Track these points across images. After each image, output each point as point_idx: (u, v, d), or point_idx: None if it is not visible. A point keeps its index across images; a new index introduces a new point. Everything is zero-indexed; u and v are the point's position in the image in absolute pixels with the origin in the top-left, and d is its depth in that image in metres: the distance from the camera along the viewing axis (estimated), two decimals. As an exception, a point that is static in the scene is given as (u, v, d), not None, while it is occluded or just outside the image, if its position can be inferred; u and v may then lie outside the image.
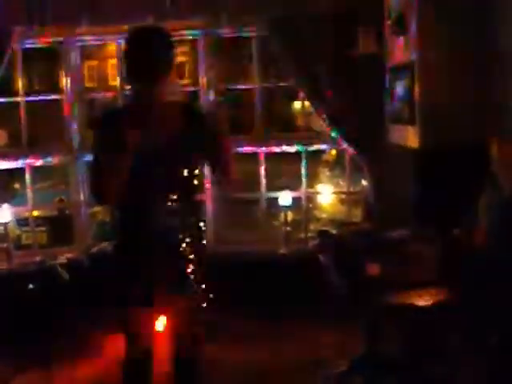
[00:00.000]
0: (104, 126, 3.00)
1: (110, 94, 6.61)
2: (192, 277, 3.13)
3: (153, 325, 3.25)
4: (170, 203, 3.01)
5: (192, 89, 6.43)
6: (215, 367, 4.52)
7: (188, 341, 3.26)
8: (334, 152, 10.01)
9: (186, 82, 13.18)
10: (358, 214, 6.06)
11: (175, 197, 3.02)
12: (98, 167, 2.94)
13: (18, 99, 5.79)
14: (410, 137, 4.78)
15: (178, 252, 3.08)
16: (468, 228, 3.66)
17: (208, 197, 5.78)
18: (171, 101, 3.13)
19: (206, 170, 3.55)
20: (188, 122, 3.05)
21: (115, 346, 4.39)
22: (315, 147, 5.89)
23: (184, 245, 3.09)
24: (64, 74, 5.80)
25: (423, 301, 3.44)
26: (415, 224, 3.92)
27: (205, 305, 3.23)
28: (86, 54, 5.60)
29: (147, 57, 2.92)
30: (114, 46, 6.06)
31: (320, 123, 5.59)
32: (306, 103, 5.66)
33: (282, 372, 4.49)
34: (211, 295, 3.25)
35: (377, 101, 5.21)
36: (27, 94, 5.98)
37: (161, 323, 3.30)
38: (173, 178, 3.01)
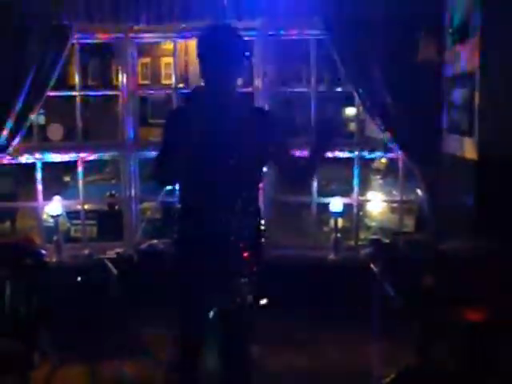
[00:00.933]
0: (175, 115, 3.13)
1: (162, 93, 6.59)
2: (247, 279, 3.14)
3: (204, 325, 3.24)
4: (234, 202, 3.03)
5: (247, 90, 6.43)
6: (258, 372, 4.51)
7: (238, 342, 3.25)
8: (384, 160, 9.90)
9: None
10: (409, 224, 5.99)
11: (240, 196, 3.04)
12: (163, 149, 3.03)
13: (75, 93, 5.83)
14: (467, 148, 4.69)
15: (237, 253, 3.09)
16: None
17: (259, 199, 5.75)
18: (242, 100, 3.20)
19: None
20: (257, 122, 3.09)
21: (163, 346, 4.41)
22: (368, 154, 5.82)
23: (244, 245, 3.10)
24: (120, 70, 5.83)
25: (476, 316, 3.36)
26: (470, 237, 3.83)
27: (257, 306, 3.27)
28: (141, 51, 5.64)
29: (223, 57, 2.95)
30: (169, 44, 6.06)
31: (374, 130, 5.51)
32: (361, 109, 5.58)
33: (328, 379, 4.45)
34: (264, 301, 3.23)
35: (434, 110, 5.11)
36: (83, 88, 6.03)
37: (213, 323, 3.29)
38: (239, 177, 3.02)
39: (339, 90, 5.91)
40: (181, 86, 6.70)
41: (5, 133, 5.15)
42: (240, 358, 3.31)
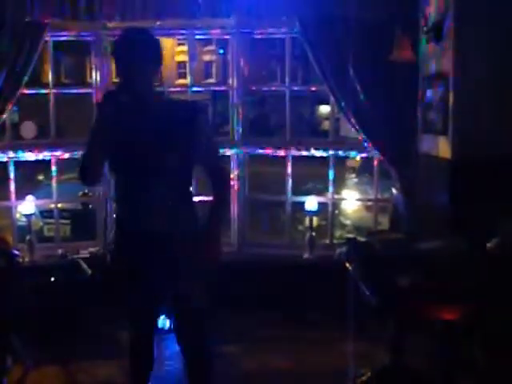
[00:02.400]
0: (100, 108, 3.13)
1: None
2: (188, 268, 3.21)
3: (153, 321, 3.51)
4: (162, 202, 3.13)
5: (220, 88, 6.42)
6: (237, 371, 4.51)
7: (191, 328, 3.34)
8: (358, 158, 9.94)
9: (212, 81, 13.25)
10: (384, 223, 6.00)
11: (168, 194, 3.15)
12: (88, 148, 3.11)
13: (48, 91, 5.78)
14: (442, 147, 4.71)
15: (172, 247, 3.17)
16: (501, 241, 3.58)
17: (233, 199, 5.75)
18: (159, 97, 3.30)
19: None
20: (180, 116, 3.18)
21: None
22: (343, 153, 5.83)
23: (179, 238, 3.18)
24: (94, 67, 5.78)
25: (452, 315, 3.38)
26: (446, 236, 3.85)
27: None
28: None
29: (128, 55, 3.08)
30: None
31: (349, 129, 5.52)
32: (336, 108, 5.59)
33: (303, 379, 4.45)
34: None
35: (409, 109, 5.13)
36: (56, 86, 5.97)
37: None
38: (163, 168, 3.11)
39: (314, 88, 5.91)
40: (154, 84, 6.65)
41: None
42: (196, 346, 3.38)
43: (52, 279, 5.09)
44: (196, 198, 4.68)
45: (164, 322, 4.78)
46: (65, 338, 4.86)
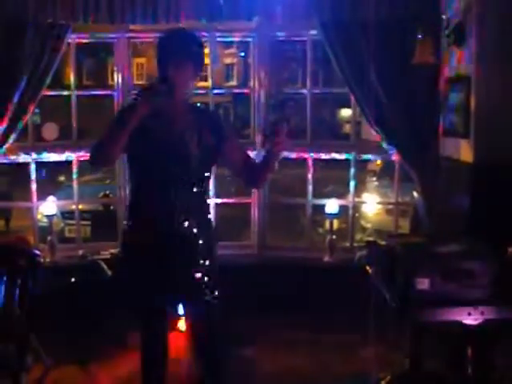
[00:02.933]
0: (126, 109, 3.20)
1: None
2: (205, 278, 3.23)
3: (166, 325, 3.48)
4: (182, 198, 3.15)
5: (241, 91, 6.43)
6: (255, 373, 4.50)
7: (204, 337, 3.33)
8: (379, 162, 9.91)
9: (233, 84, 13.28)
10: (404, 226, 5.97)
11: (188, 192, 3.17)
12: (106, 131, 3.09)
13: (70, 93, 5.81)
14: (463, 150, 4.69)
15: (189, 251, 3.20)
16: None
17: (253, 201, 5.75)
18: (191, 101, 3.34)
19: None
20: (204, 121, 3.25)
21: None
22: (364, 156, 5.82)
23: (195, 243, 3.22)
24: (115, 69, 5.81)
25: (472, 319, 3.35)
26: (467, 240, 3.82)
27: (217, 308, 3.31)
28: (136, 51, 5.57)
29: (173, 52, 3.13)
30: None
31: (370, 132, 5.50)
32: (357, 111, 5.57)
33: (321, 382, 4.43)
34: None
35: (431, 112, 5.10)
36: (78, 88, 6.00)
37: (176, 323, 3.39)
38: (185, 172, 3.15)
39: (334, 91, 5.89)
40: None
41: (-1, 132, 5.12)
42: (209, 347, 3.36)
43: (72, 280, 5.12)
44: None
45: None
46: (85, 338, 4.88)
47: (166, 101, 3.02)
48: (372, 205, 8.10)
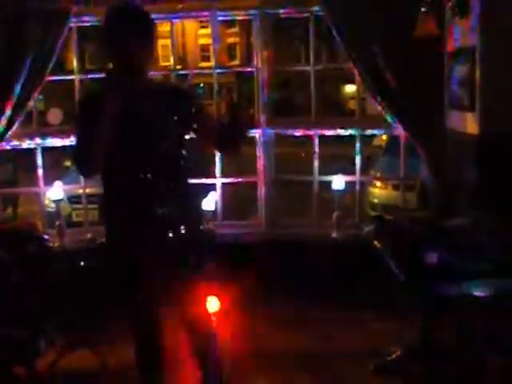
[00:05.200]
0: (86, 104, 3.12)
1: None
2: (191, 263, 3.14)
3: (158, 317, 3.31)
4: (156, 184, 3.03)
5: (245, 69, 6.41)
6: (265, 351, 4.52)
7: (197, 328, 3.26)
8: (384, 137, 9.88)
9: (236, 63, 13.23)
10: (411, 201, 5.96)
11: (162, 177, 3.04)
12: (80, 139, 2.99)
13: (73, 77, 5.80)
14: (469, 123, 4.67)
15: (169, 237, 3.09)
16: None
17: (259, 179, 5.75)
18: (154, 79, 3.37)
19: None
20: (171, 99, 3.11)
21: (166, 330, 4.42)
22: (369, 131, 5.80)
23: (175, 229, 3.10)
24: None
25: (481, 291, 3.36)
26: (475, 213, 3.82)
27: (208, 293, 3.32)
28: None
29: (123, 33, 2.96)
30: (165, 26, 6.01)
31: (375, 107, 5.48)
32: (362, 86, 5.55)
33: (333, 358, 4.45)
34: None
35: (436, 86, 5.07)
36: (81, 72, 5.99)
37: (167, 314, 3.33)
38: (156, 155, 3.02)
39: (337, 67, 5.87)
40: (179, 67, 6.65)
41: (4, 120, 5.12)
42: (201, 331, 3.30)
43: (82, 264, 5.14)
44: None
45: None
46: (95, 323, 4.91)
47: (129, 87, 2.92)
48: (378, 180, 8.08)
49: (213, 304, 4.30)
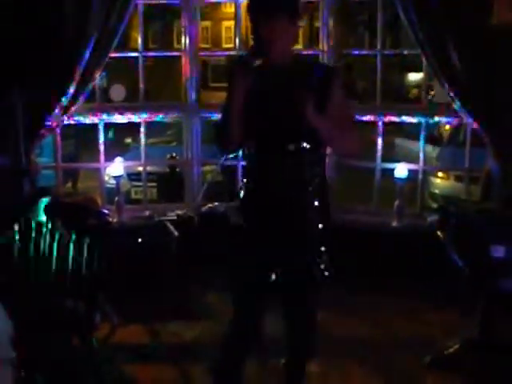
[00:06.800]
0: (233, 73, 2.95)
1: (223, 56, 6.49)
2: (312, 241, 3.05)
3: (264, 294, 3.14)
4: (295, 154, 2.93)
5: (310, 53, 6.34)
6: (323, 337, 4.48)
7: (302, 303, 3.20)
8: (448, 127, 9.68)
9: (300, 46, 13.14)
10: (475, 192, 5.81)
11: (302, 146, 2.93)
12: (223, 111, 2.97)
13: (137, 54, 5.81)
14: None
15: (301, 213, 3.00)
16: None
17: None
18: (297, 54, 3.17)
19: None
20: (316, 76, 2.97)
21: (222, 308, 4.41)
22: (435, 119, 5.66)
23: (308, 204, 3.00)
24: (183, 32, 5.78)
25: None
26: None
27: (326, 274, 3.10)
28: (201, 14, 5.54)
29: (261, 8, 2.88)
30: (229, 7, 5.99)
31: (443, 95, 5.34)
32: (429, 74, 5.42)
33: (389, 348, 4.38)
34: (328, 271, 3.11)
35: (508, 74, 4.91)
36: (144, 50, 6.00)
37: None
38: (297, 126, 2.88)
39: (406, 52, 5.74)
40: (242, 50, 6.63)
41: (68, 95, 5.14)
42: (303, 321, 3.28)
43: (139, 240, 5.16)
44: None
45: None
46: (151, 298, 4.93)
47: (264, 65, 2.86)
48: (442, 170, 7.90)
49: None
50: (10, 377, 2.12)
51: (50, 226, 3.83)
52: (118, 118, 5.76)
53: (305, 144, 2.93)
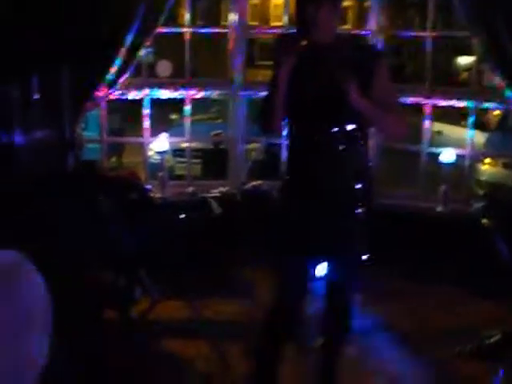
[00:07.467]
0: (279, 52, 2.91)
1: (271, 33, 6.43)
2: (354, 225, 3.03)
3: (306, 275, 3.13)
4: (338, 135, 2.89)
5: (359, 33, 6.25)
6: (358, 323, 4.44)
7: (341, 292, 3.18)
8: (496, 112, 9.49)
9: (349, 27, 13.03)
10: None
11: (345, 128, 2.89)
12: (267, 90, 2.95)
13: (184, 30, 5.79)
14: None
15: (344, 195, 2.97)
16: None
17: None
18: (343, 34, 3.02)
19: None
20: (361, 56, 2.93)
21: (261, 289, 4.40)
22: (485, 104, 5.55)
23: (350, 187, 2.97)
24: (231, 8, 5.74)
25: None
26: None
27: (367, 258, 3.06)
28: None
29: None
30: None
31: (493, 79, 5.22)
32: (480, 57, 5.30)
33: (429, 336, 4.33)
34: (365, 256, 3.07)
35: None
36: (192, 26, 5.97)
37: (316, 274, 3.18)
38: (341, 107, 2.84)
39: (456, 35, 5.62)
40: (291, 28, 6.56)
41: (114, 69, 5.14)
42: (342, 305, 3.24)
43: (182, 216, 5.16)
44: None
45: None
46: (191, 275, 4.94)
47: (309, 45, 2.81)
48: (490, 157, 7.76)
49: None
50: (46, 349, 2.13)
51: (93, 199, 3.85)
52: (164, 94, 5.75)
53: (348, 125, 2.90)
